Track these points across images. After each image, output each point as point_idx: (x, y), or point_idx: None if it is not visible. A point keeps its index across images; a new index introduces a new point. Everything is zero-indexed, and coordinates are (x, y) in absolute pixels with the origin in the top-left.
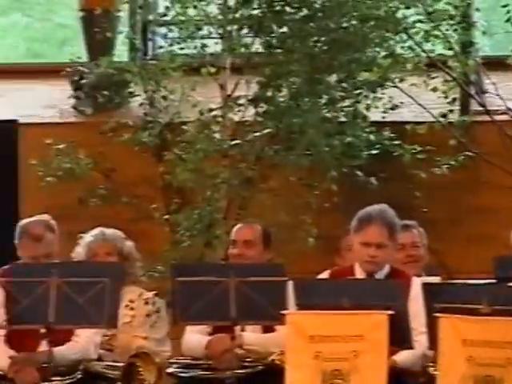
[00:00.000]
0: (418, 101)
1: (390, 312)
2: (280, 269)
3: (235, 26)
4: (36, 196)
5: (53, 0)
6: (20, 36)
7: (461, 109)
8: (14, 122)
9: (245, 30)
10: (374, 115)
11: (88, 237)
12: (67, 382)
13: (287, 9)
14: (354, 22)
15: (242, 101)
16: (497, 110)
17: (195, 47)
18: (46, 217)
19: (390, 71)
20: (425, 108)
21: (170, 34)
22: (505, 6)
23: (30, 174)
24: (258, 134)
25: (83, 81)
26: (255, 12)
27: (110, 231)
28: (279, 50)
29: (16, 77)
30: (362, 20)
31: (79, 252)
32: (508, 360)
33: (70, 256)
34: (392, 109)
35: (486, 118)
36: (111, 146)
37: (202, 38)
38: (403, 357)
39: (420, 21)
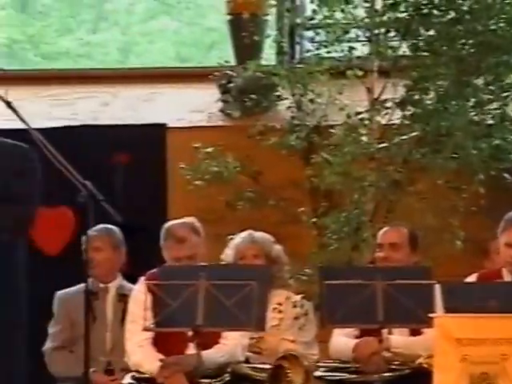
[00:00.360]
0: None
1: None
2: (427, 272)
3: (382, 29)
4: (184, 199)
5: (201, 4)
6: (169, 40)
7: None
8: (162, 125)
9: (392, 33)
10: None
11: (237, 239)
12: None
13: (434, 12)
14: (501, 24)
15: (388, 104)
16: None
17: (342, 50)
18: (191, 219)
19: None
20: None
21: (317, 38)
22: None
23: (179, 178)
24: (405, 136)
25: (231, 84)
26: (402, 15)
27: (258, 234)
28: (426, 53)
29: (165, 81)
30: (509, 22)
31: (228, 254)
32: (502, 357)
33: (217, 258)
34: None
35: None
36: (258, 150)
37: (349, 41)
38: None
39: None
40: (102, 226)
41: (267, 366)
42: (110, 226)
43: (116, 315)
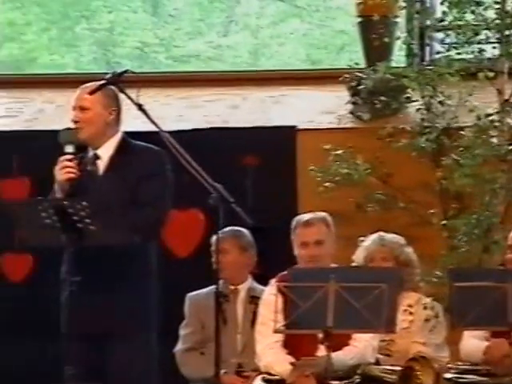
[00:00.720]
0: None
1: None
2: None
3: None
4: (314, 201)
5: (331, 7)
6: (299, 43)
7: None
8: (292, 128)
9: None
10: None
11: (367, 241)
12: None
13: None
14: None
15: None
16: None
17: (472, 52)
18: (320, 214)
19: None
20: None
21: (447, 39)
22: None
23: (309, 180)
24: None
25: (361, 86)
26: None
27: (389, 236)
28: None
29: (295, 83)
30: None
31: (358, 256)
32: None
33: (347, 260)
34: None
35: None
36: (388, 152)
37: (480, 42)
38: None
39: None
40: (230, 228)
41: (397, 368)
42: (238, 228)
43: (246, 317)
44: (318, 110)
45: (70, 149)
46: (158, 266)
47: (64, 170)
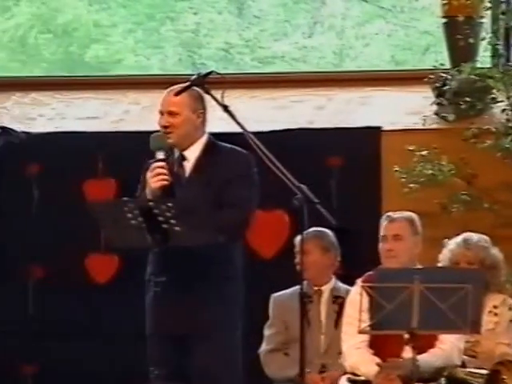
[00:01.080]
0: None
1: None
2: None
3: None
4: (399, 202)
5: (416, 7)
6: (384, 44)
7: None
8: (377, 128)
9: None
10: None
11: (452, 243)
12: None
13: None
14: None
15: None
16: None
17: None
18: (408, 213)
19: None
20: None
21: None
22: None
23: (393, 181)
24: None
25: (446, 87)
26: None
27: (474, 239)
28: None
29: (380, 84)
30: None
31: (443, 258)
32: None
33: (433, 261)
34: None
35: None
36: (473, 153)
37: None
38: None
39: None
40: (313, 229)
41: (483, 371)
42: (321, 229)
43: (330, 317)
44: (403, 110)
45: (160, 155)
46: (243, 266)
47: (157, 177)
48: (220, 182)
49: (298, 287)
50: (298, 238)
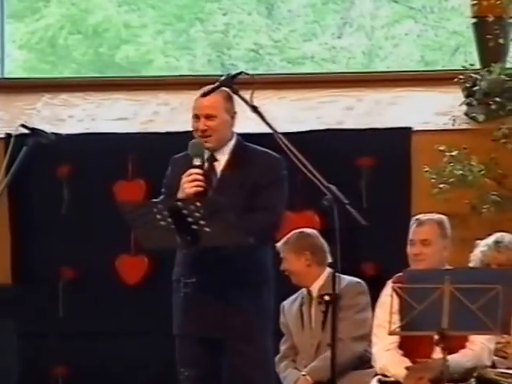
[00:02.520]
0: None
1: None
2: None
3: None
4: (428, 202)
5: (446, 8)
6: (414, 44)
7: None
8: (408, 129)
9: None
10: None
11: (483, 245)
12: None
13: None
14: None
15: None
16: None
17: None
18: (439, 216)
19: None
20: None
21: None
22: None
23: (423, 181)
24: None
25: (475, 88)
26: None
27: (506, 241)
28: None
29: (409, 84)
30: None
31: (475, 259)
32: None
33: (463, 262)
34: None
35: None
36: (503, 153)
37: None
38: None
39: None
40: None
41: None
42: (290, 235)
43: (318, 319)
44: (433, 111)
45: (198, 161)
46: (274, 268)
47: (193, 183)
48: (252, 185)
49: (300, 292)
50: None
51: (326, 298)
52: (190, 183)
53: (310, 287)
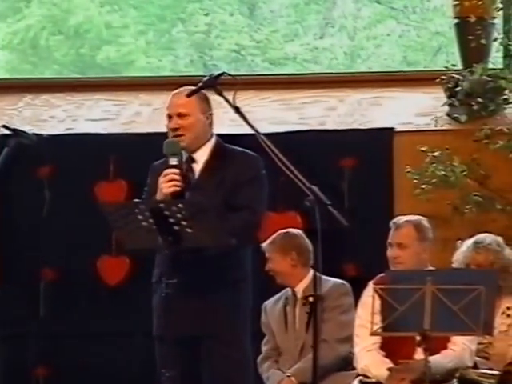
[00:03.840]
0: None
1: None
2: None
3: None
4: (411, 203)
5: (428, 8)
6: (396, 44)
7: None
8: (390, 129)
9: None
10: None
11: (464, 245)
12: None
13: None
14: None
15: None
16: None
17: None
18: (418, 217)
19: None
20: None
21: None
22: None
23: (405, 182)
24: None
25: (457, 88)
26: None
27: (486, 241)
28: None
29: (392, 85)
30: None
31: (456, 260)
32: None
33: (445, 263)
34: None
35: None
36: (485, 153)
37: None
38: None
39: None
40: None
41: (495, 372)
42: (279, 232)
43: (302, 320)
44: (415, 111)
45: (174, 161)
46: (256, 268)
47: (170, 183)
48: (231, 184)
49: (283, 292)
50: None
51: (311, 299)
52: (167, 183)
53: (294, 288)
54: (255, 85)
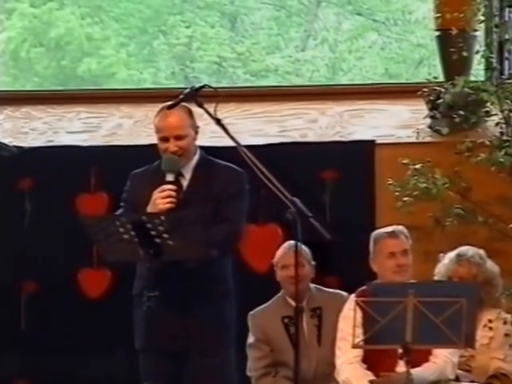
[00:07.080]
0: None
1: None
2: None
3: None
4: (392, 215)
5: (409, 21)
6: (377, 56)
7: None
8: (371, 142)
9: None
10: None
11: (446, 258)
12: None
13: None
14: None
15: None
16: None
17: None
18: (400, 227)
19: None
20: None
21: None
22: None
23: (387, 194)
24: None
25: (439, 101)
26: None
27: (468, 254)
28: None
29: (374, 97)
30: None
31: (438, 273)
32: None
33: (426, 275)
34: None
35: None
36: (467, 166)
37: None
38: None
39: None
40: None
41: None
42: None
43: (312, 335)
44: (397, 124)
45: (170, 177)
46: (237, 281)
47: (167, 199)
48: (216, 199)
49: (271, 302)
50: (282, 252)
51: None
52: (163, 199)
53: (304, 299)
54: (237, 97)
